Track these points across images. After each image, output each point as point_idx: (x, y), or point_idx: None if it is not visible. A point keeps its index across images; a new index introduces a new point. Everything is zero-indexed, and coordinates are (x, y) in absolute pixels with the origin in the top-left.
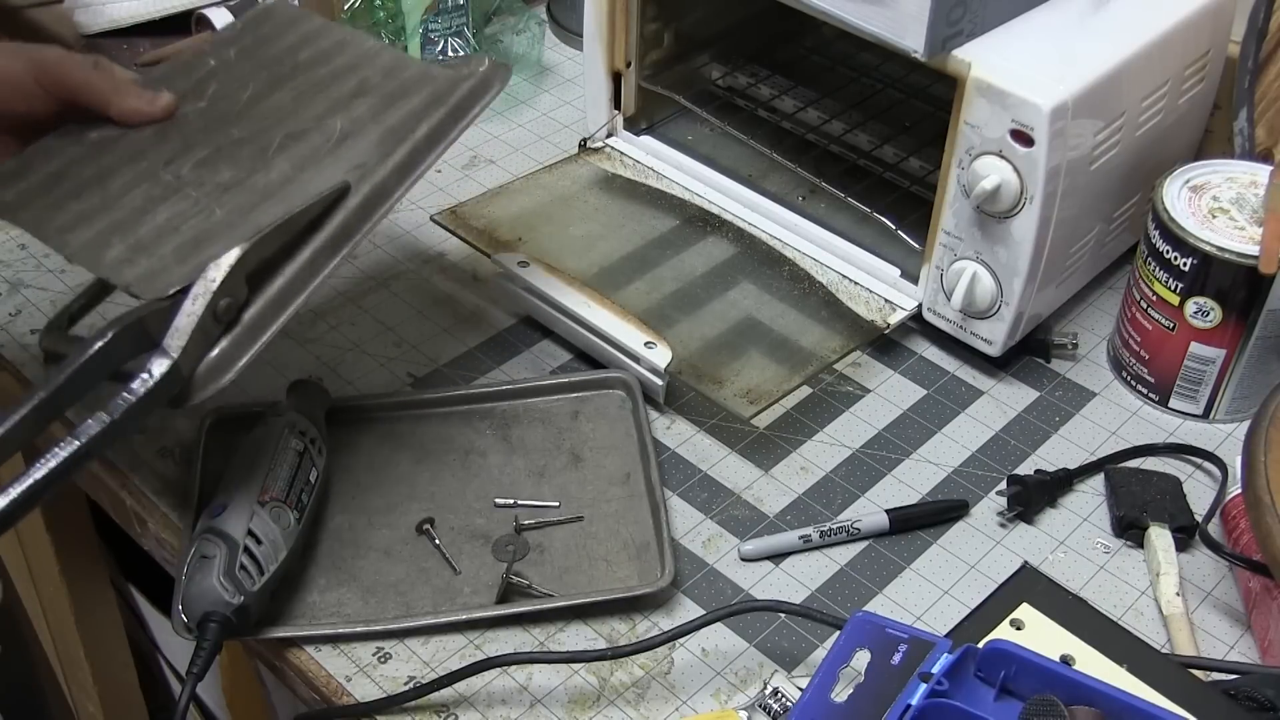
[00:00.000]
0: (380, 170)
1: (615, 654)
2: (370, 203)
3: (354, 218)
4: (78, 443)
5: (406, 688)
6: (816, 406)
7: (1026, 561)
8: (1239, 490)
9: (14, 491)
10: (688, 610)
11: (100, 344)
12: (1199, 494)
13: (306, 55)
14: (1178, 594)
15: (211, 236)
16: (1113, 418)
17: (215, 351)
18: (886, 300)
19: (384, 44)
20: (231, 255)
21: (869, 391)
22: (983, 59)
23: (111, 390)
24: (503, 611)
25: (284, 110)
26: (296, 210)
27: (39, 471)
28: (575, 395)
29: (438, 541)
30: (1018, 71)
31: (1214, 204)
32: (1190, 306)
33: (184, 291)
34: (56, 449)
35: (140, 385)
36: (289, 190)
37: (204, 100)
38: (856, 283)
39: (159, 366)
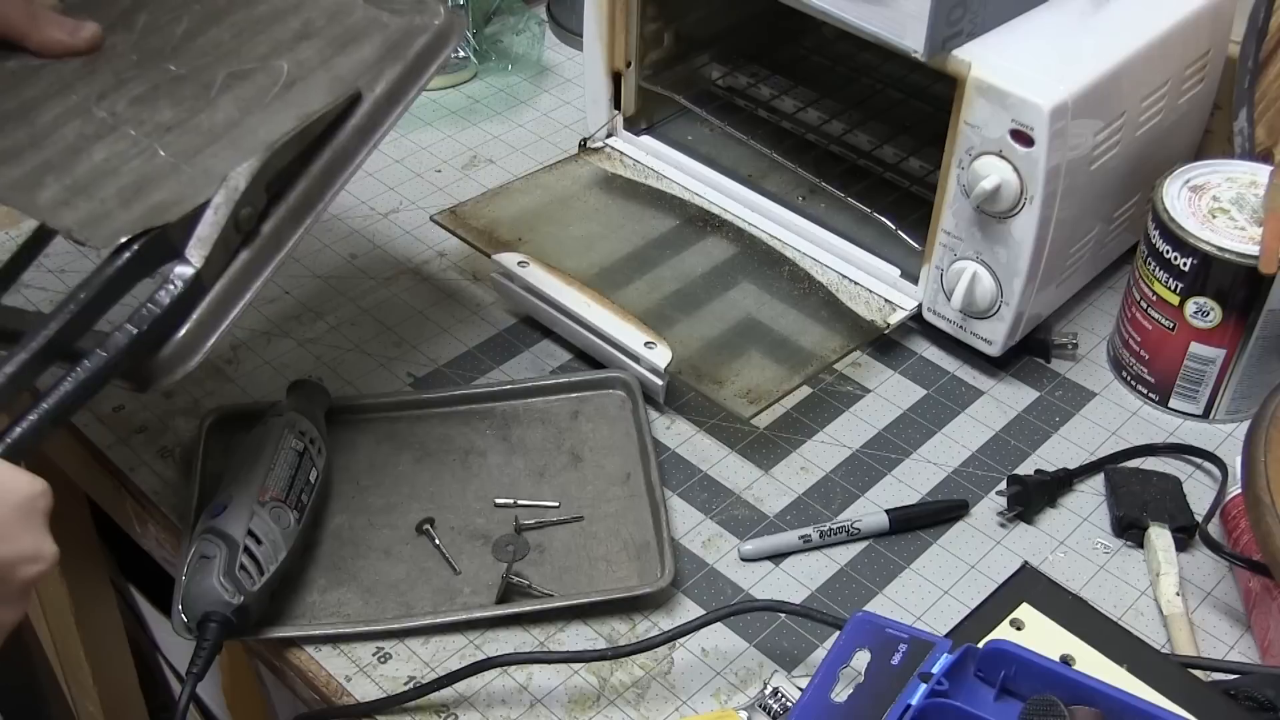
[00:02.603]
0: (340, 133)
1: (615, 654)
2: (331, 168)
3: (325, 172)
4: (106, 355)
5: (406, 688)
6: (816, 406)
7: (1026, 561)
8: (1239, 490)
9: (50, 401)
10: (688, 610)
11: (128, 255)
12: (1199, 494)
13: None
14: (1178, 594)
15: (156, 180)
16: (1113, 418)
17: (183, 330)
18: (886, 300)
19: None
20: (253, 162)
21: (869, 391)
22: (983, 59)
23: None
24: (503, 611)
25: (224, 48)
26: (313, 117)
27: (72, 383)
28: (575, 395)
29: (438, 541)
30: (1018, 71)
31: (1214, 204)
32: (1190, 306)
33: (205, 202)
34: (86, 361)
35: (165, 295)
36: (237, 134)
37: (134, 33)
38: (856, 283)
39: (182, 276)
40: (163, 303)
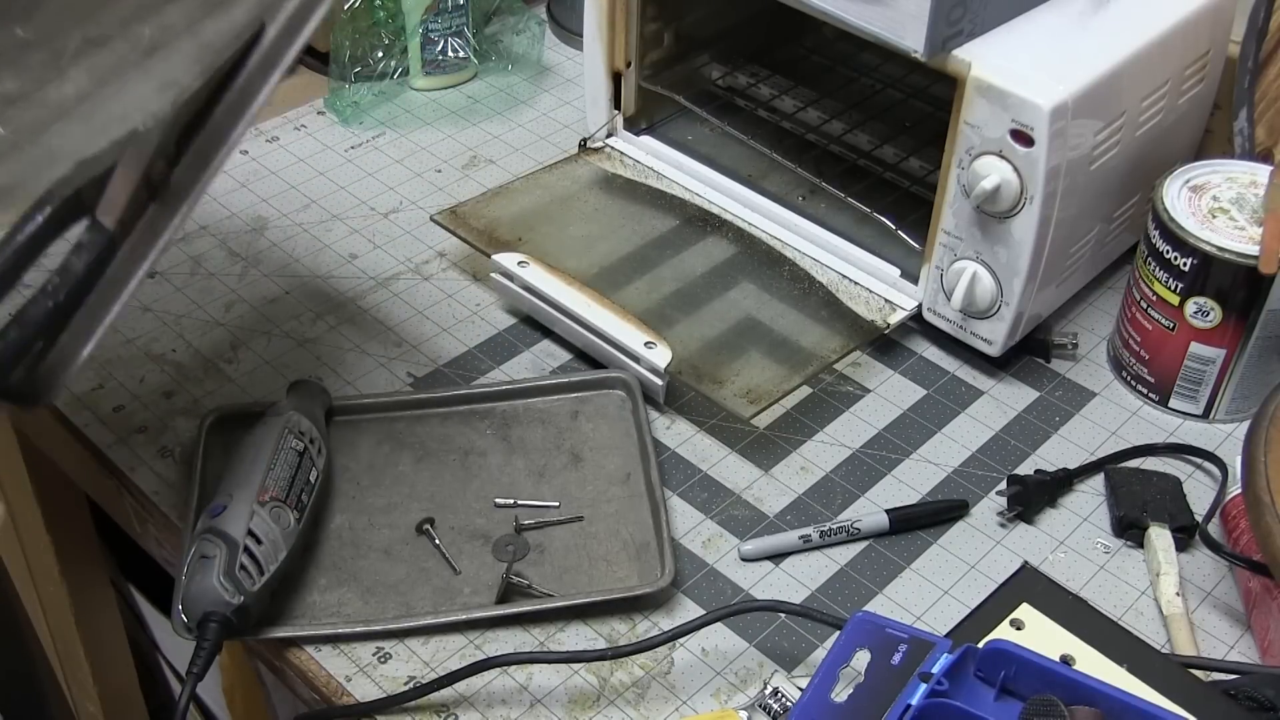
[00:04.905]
0: (242, 72)
1: (615, 654)
2: (203, 150)
3: (194, 161)
4: (22, 327)
5: (406, 688)
6: (816, 406)
7: (1026, 561)
8: (1239, 490)
9: None
10: (688, 610)
11: (41, 219)
12: (1199, 494)
13: None
14: (1178, 594)
15: None
16: (1113, 418)
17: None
18: (886, 300)
19: None
20: (165, 111)
21: (869, 391)
22: (983, 59)
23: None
24: (503, 611)
25: (79, 10)
26: (220, 60)
27: None
28: (575, 395)
29: (438, 541)
30: (1018, 71)
31: (1214, 204)
32: (1190, 306)
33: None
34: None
35: (79, 261)
36: (89, 108)
37: None
38: (856, 283)
39: (95, 240)
40: (78, 270)
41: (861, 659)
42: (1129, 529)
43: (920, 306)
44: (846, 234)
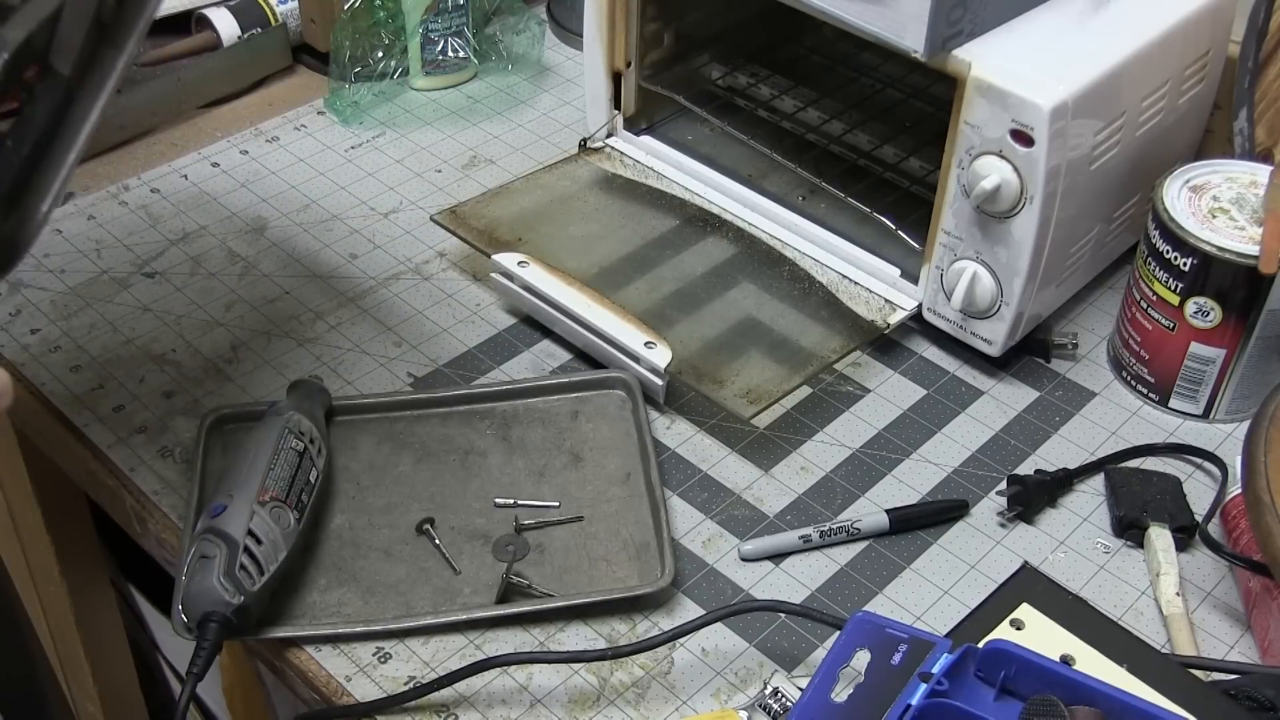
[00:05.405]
0: None
1: (615, 654)
2: None
3: None
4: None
5: (406, 688)
6: (816, 406)
7: (1026, 561)
8: (1239, 490)
9: None
10: (688, 610)
11: None
12: (1199, 494)
13: None
14: (1178, 594)
15: None
16: (1113, 418)
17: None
18: (886, 300)
19: None
20: None
21: (869, 391)
22: (983, 59)
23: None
24: (503, 611)
25: None
26: None
27: None
28: (575, 395)
29: (438, 541)
30: (1018, 71)
31: (1214, 204)
32: (1190, 306)
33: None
34: None
35: (41, 111)
36: None
37: None
38: (856, 283)
39: (51, 87)
40: (40, 120)
41: (861, 659)
42: (1129, 529)
43: (920, 306)
44: (846, 234)
